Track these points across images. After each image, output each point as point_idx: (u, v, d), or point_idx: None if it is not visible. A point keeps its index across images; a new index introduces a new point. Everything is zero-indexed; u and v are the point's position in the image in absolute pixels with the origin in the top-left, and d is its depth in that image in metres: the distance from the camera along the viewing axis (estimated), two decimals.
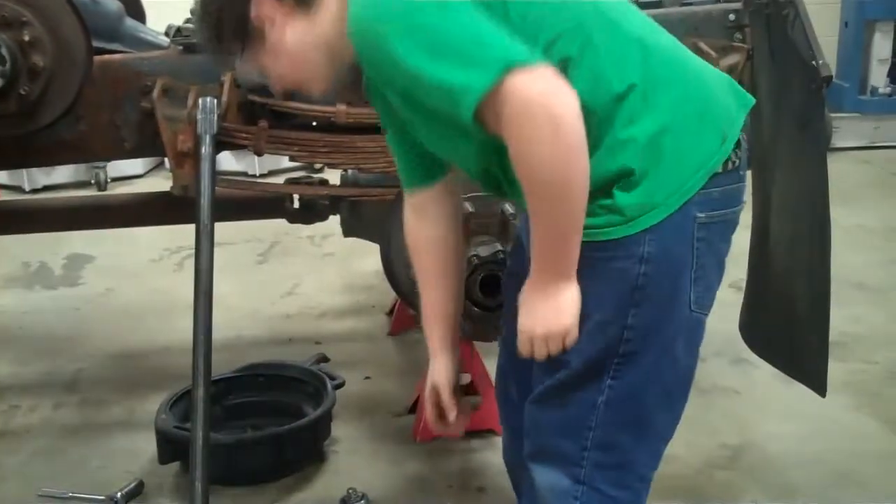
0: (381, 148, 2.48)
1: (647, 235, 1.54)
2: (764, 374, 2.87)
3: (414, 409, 3.04)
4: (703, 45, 2.73)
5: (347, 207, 2.94)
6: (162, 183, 5.19)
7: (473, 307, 2.48)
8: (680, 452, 2.78)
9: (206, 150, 2.50)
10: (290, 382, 3.08)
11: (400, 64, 1.45)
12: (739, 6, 2.73)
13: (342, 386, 3.03)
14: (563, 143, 1.44)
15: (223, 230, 2.76)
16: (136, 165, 6.48)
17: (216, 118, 2.53)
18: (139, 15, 3.26)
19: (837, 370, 2.66)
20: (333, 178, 3.09)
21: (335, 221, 3.10)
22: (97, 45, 2.67)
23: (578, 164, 1.47)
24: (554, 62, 1.47)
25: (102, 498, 2.64)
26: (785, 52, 2.23)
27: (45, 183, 6.33)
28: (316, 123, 2.69)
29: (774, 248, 2.29)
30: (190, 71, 2.66)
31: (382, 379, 3.40)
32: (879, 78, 6.76)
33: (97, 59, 2.62)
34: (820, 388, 2.26)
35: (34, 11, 2.48)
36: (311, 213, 3.08)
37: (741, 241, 1.93)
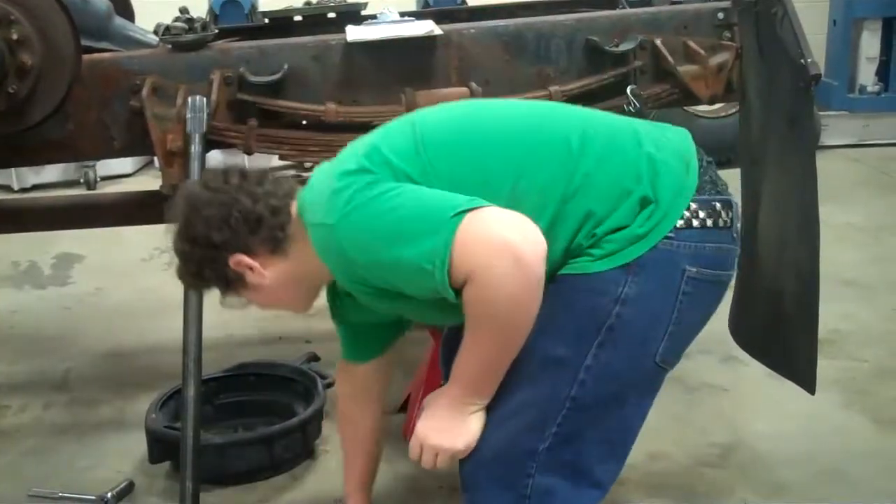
0: None
1: (628, 276, 1.54)
2: (753, 371, 2.87)
3: (404, 407, 3.04)
4: (692, 43, 2.73)
5: None
6: (151, 182, 5.20)
7: None
8: (669, 451, 2.79)
9: (195, 148, 2.49)
10: (280, 381, 3.08)
11: (366, 265, 1.55)
12: (728, 5, 2.73)
13: (333, 385, 3.02)
14: (526, 285, 1.48)
15: None
16: (125, 164, 6.46)
17: (205, 117, 2.52)
18: (128, 13, 3.25)
19: (827, 368, 2.66)
20: None
21: None
22: (86, 43, 2.66)
23: (531, 307, 1.52)
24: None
25: (93, 498, 2.63)
26: (773, 50, 2.24)
27: (34, 182, 6.31)
28: (306, 122, 2.69)
29: (763, 245, 2.30)
30: (179, 69, 2.65)
31: None
32: (868, 76, 6.77)
33: (86, 57, 2.61)
34: (809, 385, 2.26)
35: (22, 10, 2.47)
36: None
37: None
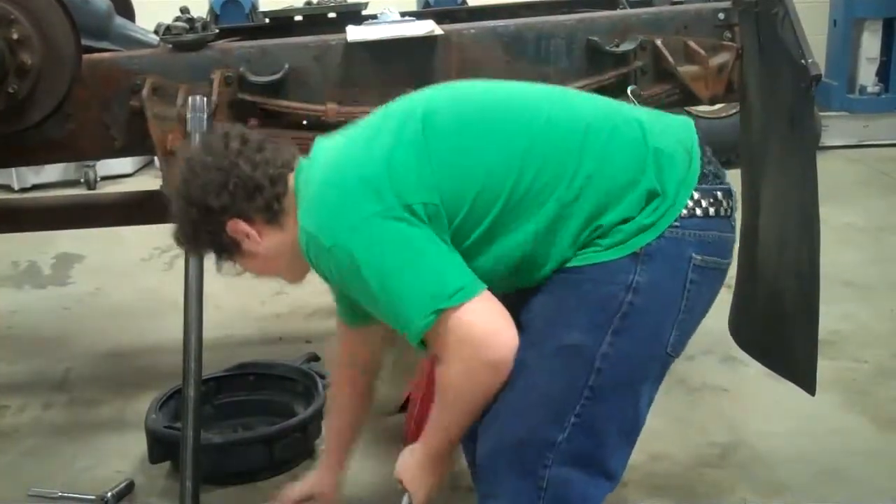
0: None
1: (638, 265, 1.57)
2: (753, 372, 2.88)
3: (404, 408, 3.03)
4: (692, 43, 2.73)
5: None
6: (151, 182, 5.20)
7: None
8: (670, 450, 2.79)
9: None
10: (280, 381, 3.08)
11: (347, 285, 1.65)
12: (729, 5, 2.73)
13: None
14: (493, 382, 1.59)
15: None
16: (125, 164, 6.47)
17: (206, 117, 2.52)
18: (128, 13, 3.25)
19: (826, 368, 2.66)
20: None
21: None
22: (86, 43, 2.66)
23: (496, 389, 1.61)
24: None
25: (93, 498, 2.63)
26: (774, 50, 2.24)
27: (34, 182, 6.31)
28: (306, 122, 2.69)
29: (763, 246, 2.30)
30: (180, 69, 2.65)
31: None
32: (868, 77, 6.78)
33: (86, 57, 2.61)
34: (809, 386, 2.26)
35: (23, 9, 2.47)
36: None
37: None
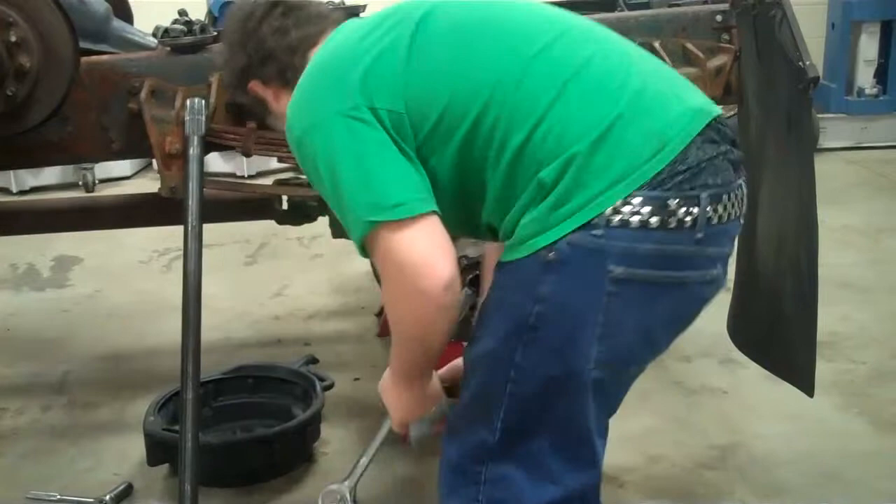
0: None
1: (548, 274, 1.47)
2: (752, 374, 2.88)
3: None
4: (690, 46, 2.74)
5: None
6: (150, 184, 5.19)
7: None
8: (668, 452, 2.79)
9: (193, 151, 2.49)
10: (279, 384, 3.07)
11: (304, 167, 1.61)
12: (727, 7, 2.73)
13: (331, 387, 3.03)
14: (426, 312, 1.53)
15: (211, 231, 2.75)
16: (123, 167, 6.46)
17: (204, 119, 2.52)
18: (126, 16, 3.25)
19: (825, 370, 2.67)
20: None
21: (324, 223, 3.10)
22: (84, 45, 2.66)
23: (436, 327, 1.57)
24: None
25: (91, 500, 2.63)
26: (772, 53, 2.24)
27: (32, 184, 6.30)
28: None
29: (762, 248, 2.30)
30: (178, 72, 2.65)
31: (371, 380, 3.37)
32: (866, 79, 6.78)
33: (84, 59, 2.61)
34: (808, 387, 2.27)
35: (20, 12, 2.47)
36: (299, 214, 3.07)
37: None
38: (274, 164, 5.68)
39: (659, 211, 1.44)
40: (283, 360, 3.27)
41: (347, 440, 2.99)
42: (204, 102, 2.53)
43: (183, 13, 2.84)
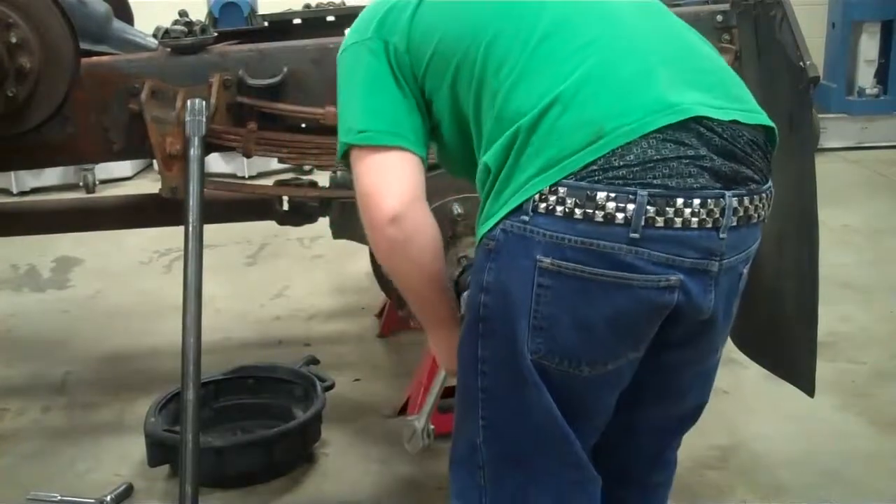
0: None
1: (489, 262, 1.47)
2: (753, 374, 2.88)
3: (404, 410, 3.04)
4: None
5: (337, 209, 2.94)
6: (150, 185, 5.18)
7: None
8: None
9: (194, 151, 2.49)
10: (279, 384, 3.07)
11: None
12: (727, 7, 2.73)
13: (332, 388, 3.03)
14: (377, 243, 1.59)
15: (212, 232, 2.75)
16: (124, 168, 6.47)
17: (205, 120, 2.52)
18: (127, 16, 3.25)
19: (825, 370, 2.66)
20: (323, 179, 3.09)
21: (324, 223, 3.10)
22: (85, 46, 2.66)
23: (397, 265, 1.63)
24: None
25: (92, 501, 2.63)
26: (772, 53, 2.24)
27: (33, 185, 6.32)
28: (305, 125, 2.69)
29: (762, 248, 2.29)
30: (178, 73, 2.65)
31: (372, 381, 3.40)
32: (866, 79, 6.79)
33: (85, 60, 2.61)
34: (808, 388, 2.27)
35: (21, 13, 2.47)
36: (300, 214, 3.07)
37: None
38: (274, 164, 5.70)
39: (585, 203, 1.38)
40: (283, 360, 3.27)
41: (348, 441, 2.99)
42: (204, 103, 2.53)
43: (183, 14, 2.84)
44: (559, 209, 1.39)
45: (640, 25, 1.54)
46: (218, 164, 6.11)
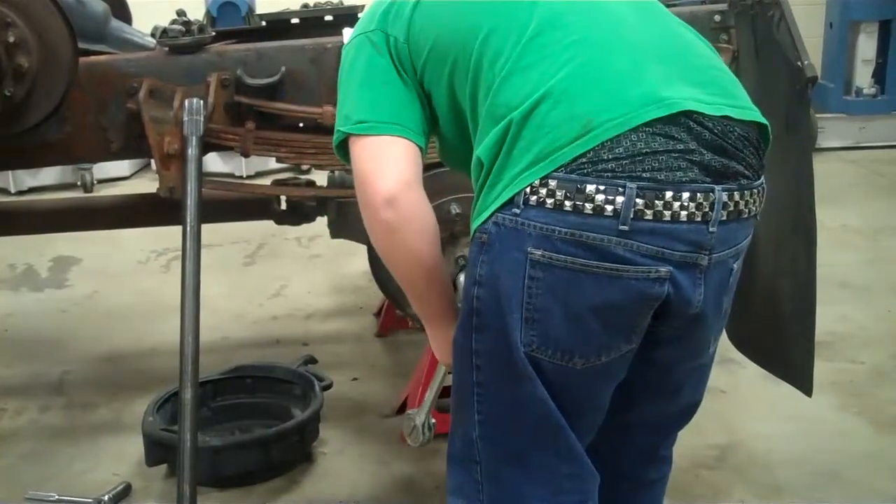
0: None
1: (481, 255, 1.48)
2: (750, 373, 2.88)
3: (402, 410, 3.04)
4: None
5: (335, 209, 2.93)
6: (148, 185, 5.18)
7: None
8: None
9: (192, 151, 2.49)
10: (277, 384, 3.07)
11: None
12: (725, 7, 2.74)
13: (330, 387, 3.03)
14: (372, 227, 1.60)
15: (210, 232, 2.75)
16: (122, 167, 6.46)
17: (203, 119, 2.52)
18: (125, 16, 3.25)
19: (823, 370, 2.67)
20: (321, 179, 3.09)
21: (322, 223, 3.10)
22: (83, 46, 2.66)
23: (392, 252, 1.63)
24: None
25: (90, 501, 2.63)
26: (770, 52, 2.24)
27: (30, 185, 6.31)
28: (303, 125, 2.69)
29: (760, 248, 2.30)
30: (176, 72, 2.65)
31: (370, 380, 3.40)
32: (864, 79, 6.79)
33: (83, 60, 2.61)
34: (806, 387, 2.27)
35: (19, 12, 2.47)
36: (298, 214, 3.07)
37: None
38: (272, 164, 5.69)
39: (574, 195, 1.39)
40: (281, 360, 3.27)
41: (346, 440, 2.99)
42: (202, 103, 2.54)
43: (181, 13, 2.84)
44: (549, 202, 1.41)
45: (632, 21, 1.55)
46: (216, 163, 6.10)
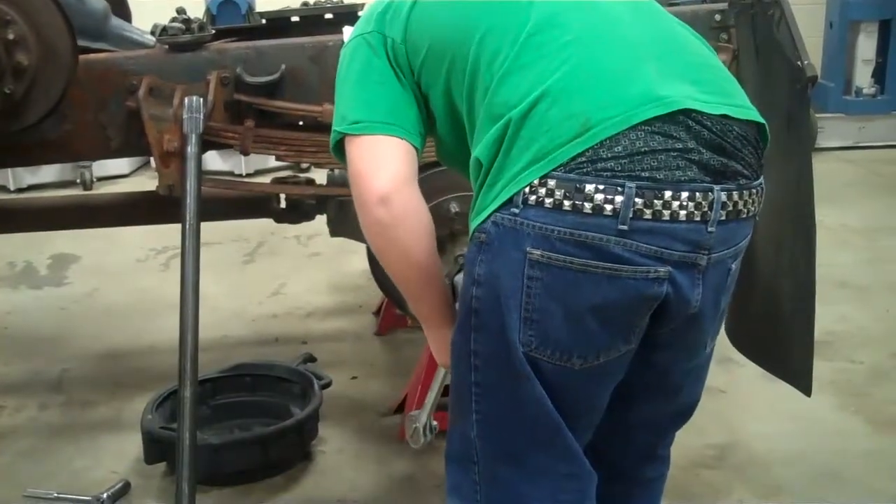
0: None
1: (480, 255, 1.48)
2: (749, 373, 2.88)
3: (401, 409, 3.04)
4: None
5: (334, 207, 2.94)
6: (148, 182, 5.19)
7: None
8: None
9: (191, 149, 2.49)
10: (276, 382, 3.07)
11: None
12: (725, 6, 2.73)
13: (329, 386, 3.03)
14: (367, 225, 1.60)
15: (209, 230, 2.76)
16: (121, 165, 6.46)
17: (202, 117, 2.52)
18: (125, 14, 3.25)
19: (822, 369, 2.67)
20: (320, 177, 3.09)
21: (322, 221, 3.10)
22: (82, 43, 2.66)
23: (386, 252, 1.63)
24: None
25: (88, 499, 2.63)
26: (770, 52, 2.24)
27: (30, 182, 6.31)
28: (302, 123, 2.69)
29: (759, 247, 2.30)
30: (176, 70, 2.65)
31: (369, 379, 3.40)
32: (864, 78, 6.79)
33: (82, 58, 2.61)
34: (805, 387, 2.27)
35: (18, 10, 2.47)
36: (297, 212, 3.07)
37: None
38: (272, 162, 5.69)
39: (573, 194, 1.39)
40: (280, 358, 3.27)
41: (345, 438, 2.99)
42: (202, 101, 2.54)
43: (181, 11, 2.84)
44: (548, 201, 1.40)
45: (629, 21, 1.55)
46: (215, 161, 6.09)
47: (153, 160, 2.66)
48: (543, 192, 1.40)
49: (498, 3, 1.56)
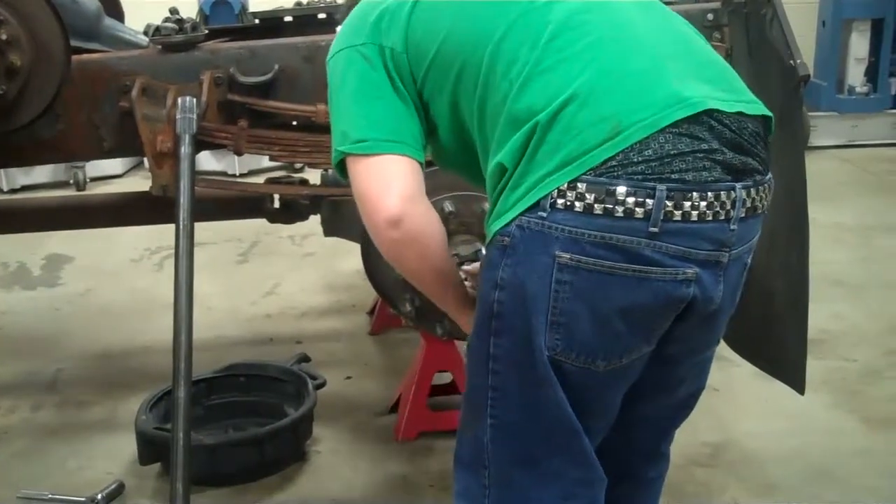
0: None
1: (504, 259, 1.47)
2: (743, 371, 2.88)
3: (395, 408, 3.04)
4: None
5: (328, 207, 2.94)
6: (141, 183, 5.19)
7: None
8: None
9: (185, 149, 2.49)
10: (271, 382, 3.07)
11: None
12: (717, 5, 2.74)
13: (323, 386, 3.03)
14: (381, 244, 1.60)
15: (203, 230, 2.76)
16: (115, 165, 6.46)
17: (195, 118, 2.52)
18: (118, 14, 3.24)
19: (816, 368, 2.67)
20: (314, 177, 3.09)
21: (316, 221, 3.10)
22: (75, 44, 2.66)
23: (402, 263, 1.64)
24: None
25: (83, 499, 2.62)
26: (763, 51, 2.25)
27: (23, 183, 6.30)
28: (296, 123, 2.69)
29: None
30: (169, 70, 2.65)
31: (363, 378, 3.40)
32: (856, 77, 6.81)
33: (75, 58, 2.61)
34: (799, 385, 2.27)
35: (11, 10, 2.46)
36: (291, 212, 3.07)
37: None
38: (265, 162, 5.68)
39: (604, 198, 1.39)
40: (274, 358, 3.27)
41: (339, 438, 2.99)
42: (195, 101, 2.53)
43: (174, 11, 2.84)
44: (578, 205, 1.40)
45: (642, 21, 1.55)
46: (209, 161, 6.09)
47: (147, 160, 2.65)
48: (573, 195, 1.40)
49: (511, 7, 1.54)
